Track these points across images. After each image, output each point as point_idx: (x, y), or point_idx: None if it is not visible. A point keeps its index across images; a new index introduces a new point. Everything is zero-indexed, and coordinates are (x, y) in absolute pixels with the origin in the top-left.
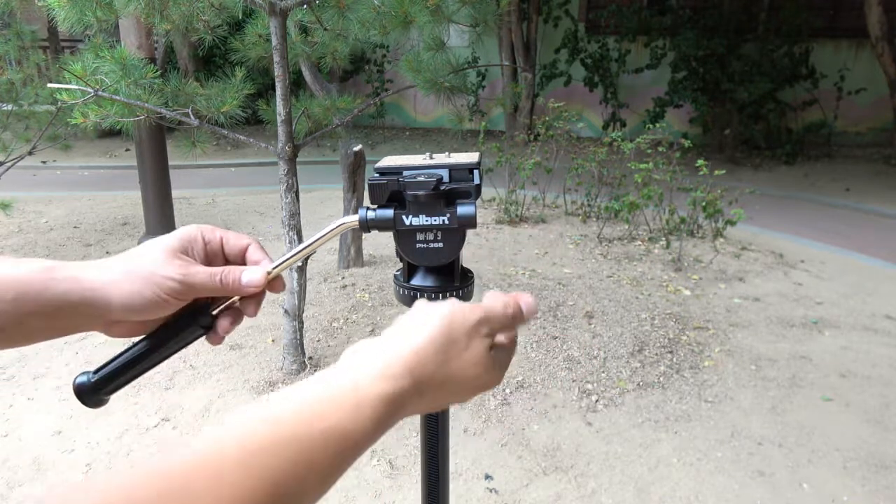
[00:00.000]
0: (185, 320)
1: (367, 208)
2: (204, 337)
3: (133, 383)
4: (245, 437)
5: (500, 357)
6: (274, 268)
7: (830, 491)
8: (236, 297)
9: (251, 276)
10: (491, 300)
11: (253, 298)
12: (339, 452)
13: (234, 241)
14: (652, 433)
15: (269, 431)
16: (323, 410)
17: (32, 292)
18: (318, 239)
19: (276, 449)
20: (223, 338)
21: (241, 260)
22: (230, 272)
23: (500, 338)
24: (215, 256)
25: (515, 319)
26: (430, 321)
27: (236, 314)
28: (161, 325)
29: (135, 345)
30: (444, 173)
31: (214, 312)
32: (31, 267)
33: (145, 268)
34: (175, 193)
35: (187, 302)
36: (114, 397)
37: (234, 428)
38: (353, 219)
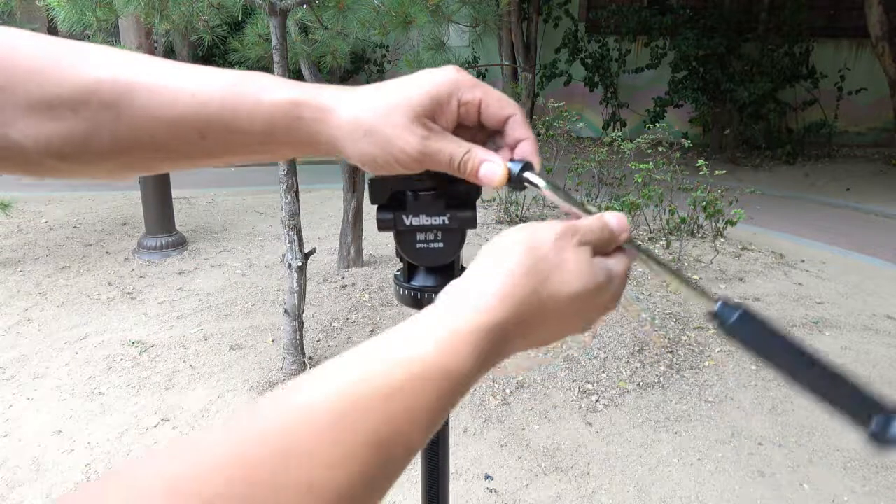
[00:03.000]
0: None
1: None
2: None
3: (132, 383)
4: (335, 396)
5: (609, 267)
6: (521, 172)
7: (831, 491)
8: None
9: (490, 171)
10: (581, 220)
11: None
12: (441, 395)
13: (494, 107)
14: (652, 433)
15: (361, 387)
16: (416, 353)
17: (281, 127)
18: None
19: (370, 403)
20: None
21: (501, 129)
22: (471, 158)
23: (605, 252)
24: (469, 119)
25: (606, 230)
26: (507, 247)
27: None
28: None
29: None
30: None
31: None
32: (277, 99)
33: (382, 131)
34: (175, 193)
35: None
36: (113, 397)
37: (321, 389)
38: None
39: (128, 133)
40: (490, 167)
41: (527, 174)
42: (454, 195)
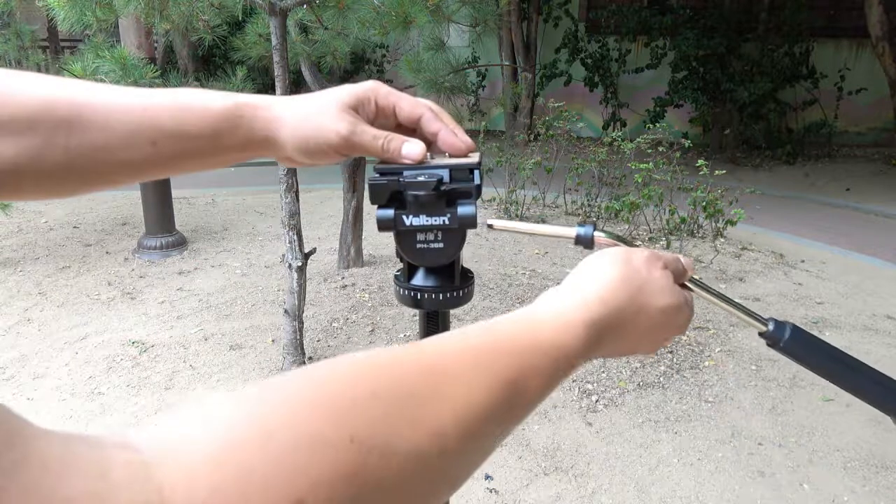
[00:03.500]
0: None
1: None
2: None
3: (132, 383)
4: (472, 342)
5: (685, 294)
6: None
7: (831, 491)
8: None
9: (411, 149)
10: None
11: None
12: (557, 364)
13: (407, 109)
14: (652, 433)
15: (493, 340)
16: (536, 327)
17: (226, 129)
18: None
19: (503, 351)
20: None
21: (416, 127)
22: (393, 140)
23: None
24: (386, 117)
25: (681, 263)
26: (607, 259)
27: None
28: None
29: None
30: (445, 173)
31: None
32: (220, 104)
33: (315, 118)
34: (175, 193)
35: (352, 155)
36: (113, 397)
37: (459, 338)
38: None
39: (82, 146)
40: (410, 145)
41: (597, 234)
42: (454, 195)
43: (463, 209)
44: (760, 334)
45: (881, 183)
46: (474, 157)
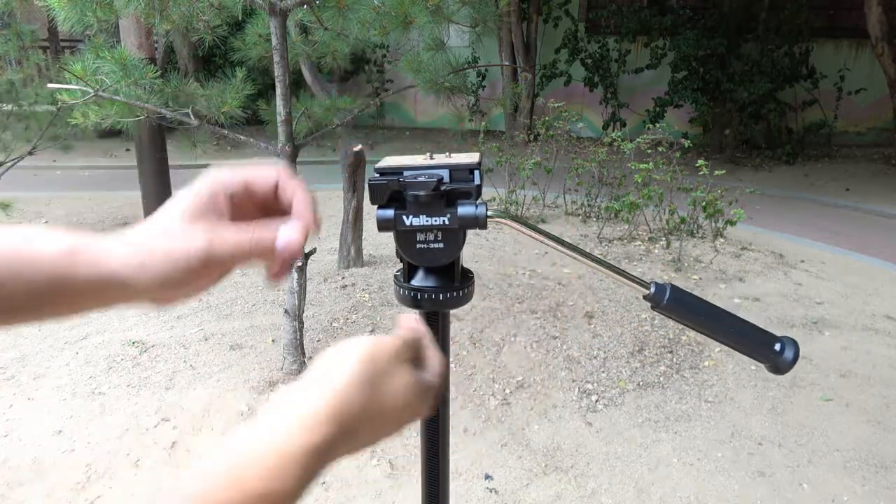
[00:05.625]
0: None
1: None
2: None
3: (132, 383)
4: None
5: (426, 380)
6: None
7: (830, 491)
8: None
9: (287, 238)
10: (403, 327)
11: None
12: None
13: (261, 183)
14: (652, 433)
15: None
16: (247, 476)
17: (57, 277)
18: None
19: None
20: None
21: (273, 207)
22: (262, 235)
23: (424, 362)
24: (244, 204)
25: (425, 338)
26: (349, 358)
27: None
28: None
29: None
30: (445, 173)
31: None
32: (57, 247)
33: (165, 244)
34: (175, 193)
35: (229, 272)
36: (114, 397)
37: None
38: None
39: None
40: (285, 232)
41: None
42: (454, 195)
43: (463, 209)
44: (644, 297)
45: (881, 183)
46: (474, 157)
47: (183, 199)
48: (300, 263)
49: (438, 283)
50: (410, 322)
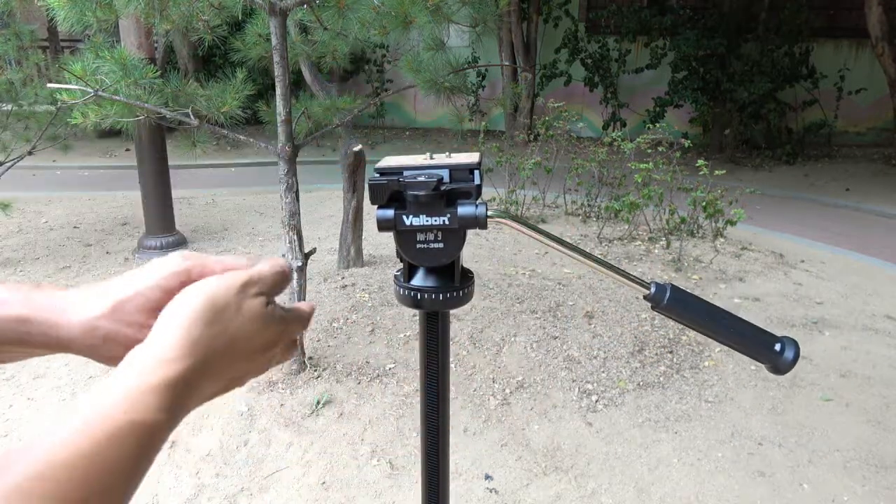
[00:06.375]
0: None
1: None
2: None
3: None
4: (39, 462)
5: (279, 312)
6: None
7: (830, 491)
8: None
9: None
10: (257, 265)
11: None
12: (134, 448)
13: (219, 267)
14: (652, 433)
15: (62, 452)
16: (108, 411)
17: (8, 342)
18: None
19: (71, 466)
20: None
21: None
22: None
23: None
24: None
25: (279, 276)
26: (190, 298)
27: None
28: None
29: None
30: (445, 173)
31: None
32: (6, 316)
33: (124, 332)
34: (175, 193)
35: None
36: None
37: (25, 458)
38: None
39: None
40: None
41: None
42: (454, 195)
43: (463, 209)
44: (644, 297)
45: (881, 183)
46: (474, 157)
47: (146, 283)
48: (300, 264)
49: (438, 283)
50: (275, 260)
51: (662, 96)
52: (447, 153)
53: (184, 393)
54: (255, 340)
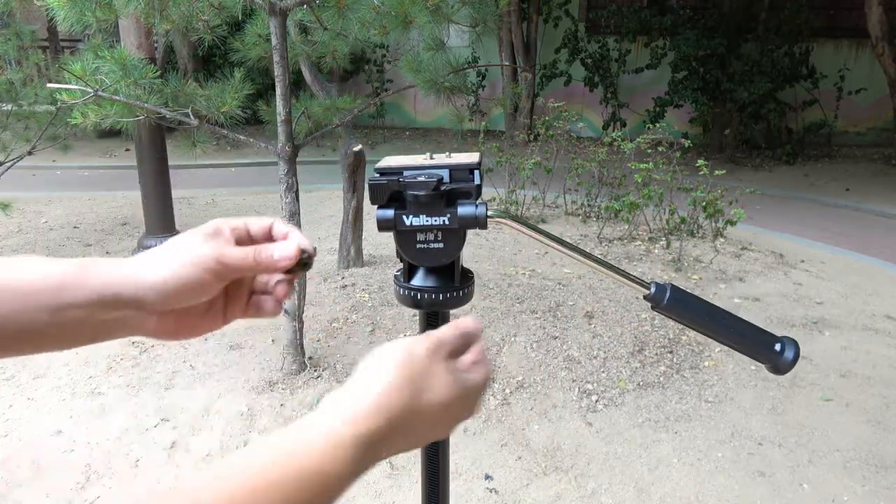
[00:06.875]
0: None
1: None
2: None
3: (132, 383)
4: (223, 490)
5: (470, 379)
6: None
7: (830, 491)
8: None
9: (283, 250)
10: (438, 329)
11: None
12: (318, 495)
13: (256, 223)
14: (652, 433)
15: (248, 482)
16: (300, 455)
17: (68, 290)
18: None
19: (255, 497)
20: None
21: (269, 240)
22: (263, 249)
23: (466, 360)
24: (242, 240)
25: (467, 336)
26: (389, 361)
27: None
28: None
29: None
30: (445, 173)
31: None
32: (64, 268)
33: (180, 251)
34: (175, 193)
35: (225, 284)
36: (113, 397)
37: (211, 483)
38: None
39: None
40: (282, 246)
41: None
42: (454, 195)
43: (463, 209)
44: (644, 297)
45: (881, 183)
46: (474, 157)
47: (187, 233)
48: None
49: (438, 283)
50: (463, 322)
51: (662, 96)
52: (447, 153)
53: (371, 451)
54: (445, 404)
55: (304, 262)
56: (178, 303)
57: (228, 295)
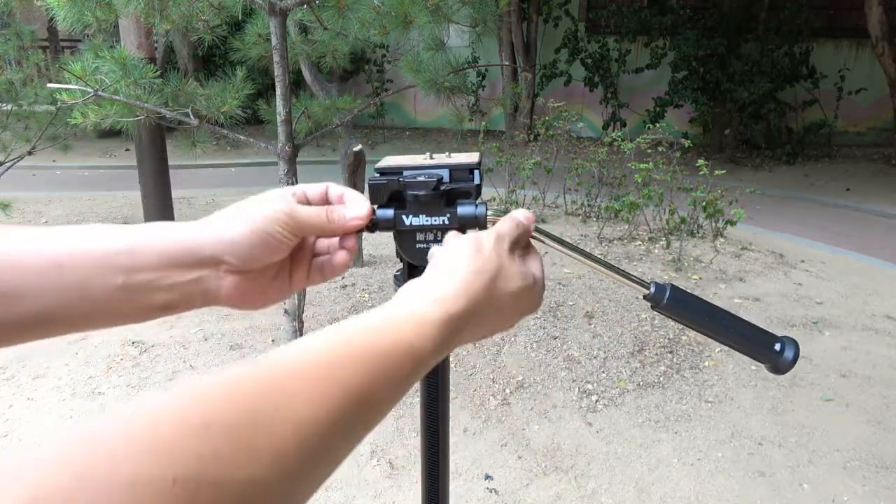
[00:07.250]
0: None
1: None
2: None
3: (132, 383)
4: (318, 352)
5: (532, 273)
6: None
7: (830, 491)
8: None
9: (355, 210)
10: (500, 222)
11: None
12: (408, 366)
13: (312, 188)
14: (652, 433)
15: (341, 347)
16: (388, 329)
17: (142, 252)
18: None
19: (352, 360)
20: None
21: (326, 203)
22: (336, 208)
23: (525, 253)
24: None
25: (523, 228)
26: (463, 251)
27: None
28: None
29: None
30: (445, 173)
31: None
32: (133, 231)
33: (253, 209)
34: (175, 193)
35: (296, 242)
36: (113, 397)
37: (304, 347)
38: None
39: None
40: (353, 205)
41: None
42: (454, 195)
43: (463, 209)
44: (644, 297)
45: (881, 183)
46: (474, 157)
47: (250, 198)
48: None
49: None
50: (519, 214)
51: (662, 96)
52: (447, 153)
53: (455, 331)
54: (511, 295)
55: (374, 222)
56: (254, 261)
57: (293, 260)
